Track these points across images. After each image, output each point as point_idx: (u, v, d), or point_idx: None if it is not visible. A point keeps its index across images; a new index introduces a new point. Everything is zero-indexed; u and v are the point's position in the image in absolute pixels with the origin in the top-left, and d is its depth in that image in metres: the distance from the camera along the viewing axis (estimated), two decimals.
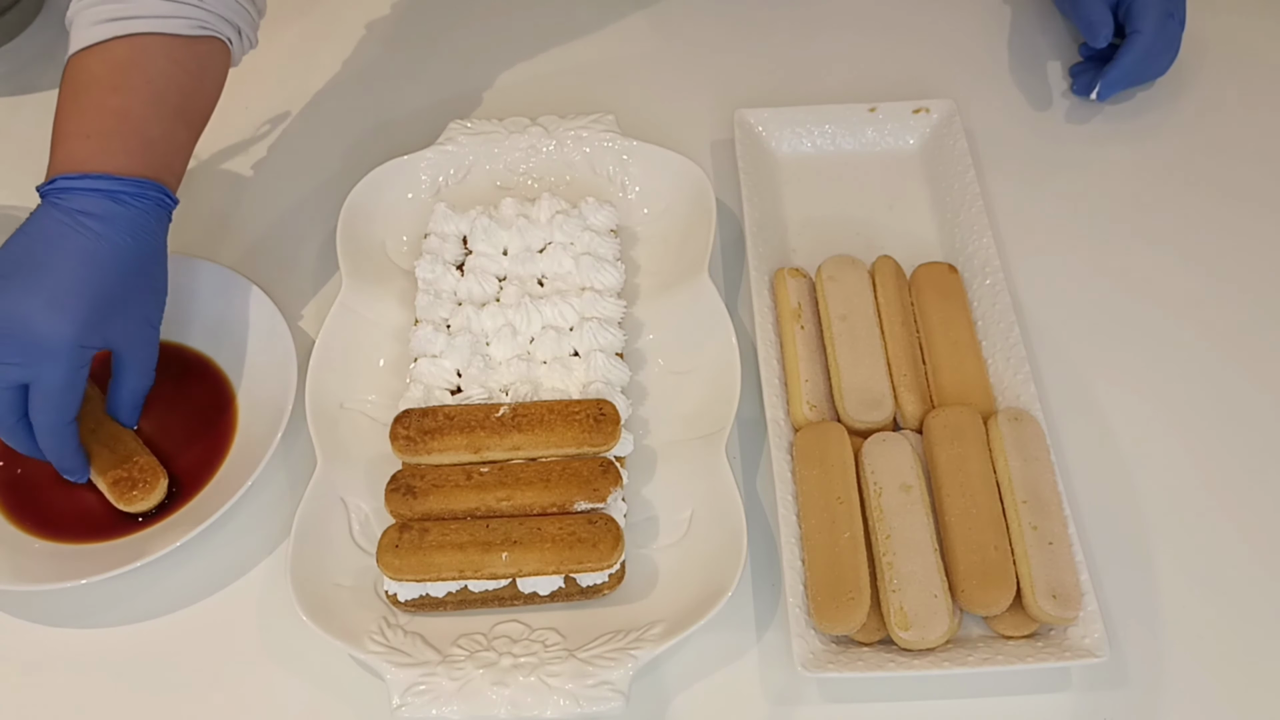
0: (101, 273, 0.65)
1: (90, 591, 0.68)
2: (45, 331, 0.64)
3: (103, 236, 0.66)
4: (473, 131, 0.85)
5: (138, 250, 0.67)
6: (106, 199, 0.66)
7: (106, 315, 0.66)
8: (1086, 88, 0.89)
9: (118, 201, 0.66)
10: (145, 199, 0.67)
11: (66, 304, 0.64)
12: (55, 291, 0.64)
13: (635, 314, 0.79)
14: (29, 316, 0.64)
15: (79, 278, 0.65)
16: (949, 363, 0.74)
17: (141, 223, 0.67)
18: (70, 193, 0.66)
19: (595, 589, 0.65)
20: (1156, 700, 0.63)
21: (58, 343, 0.64)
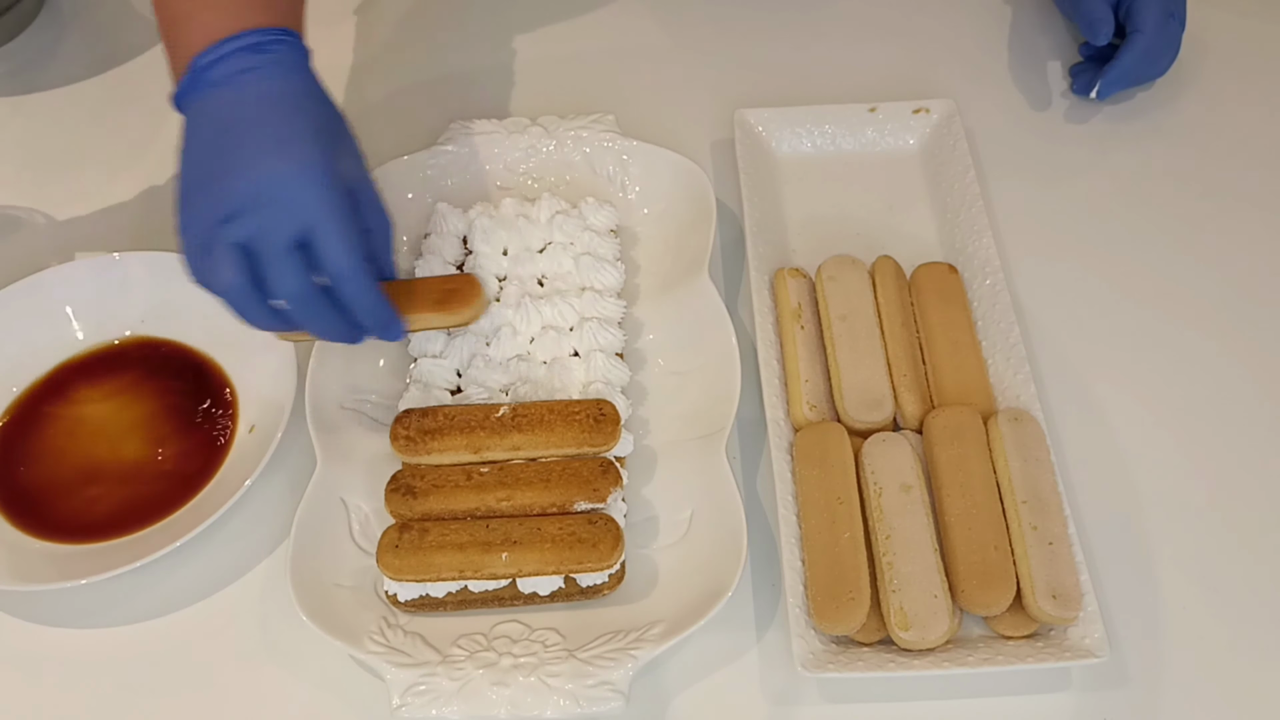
0: (295, 111, 0.62)
1: (90, 591, 0.68)
2: (296, 174, 0.59)
3: (272, 77, 0.62)
4: (473, 131, 0.85)
5: (307, 89, 0.64)
6: (254, 53, 0.63)
7: (327, 150, 0.61)
8: (1086, 87, 0.89)
9: (266, 51, 0.63)
10: (286, 44, 0.64)
11: (292, 143, 0.60)
12: (272, 139, 0.60)
13: (635, 314, 0.79)
14: (269, 171, 0.59)
15: (282, 120, 0.61)
16: (949, 363, 0.74)
17: (297, 62, 0.65)
18: (221, 61, 0.62)
19: (595, 589, 0.65)
20: (1156, 700, 0.63)
21: (314, 177, 0.59)
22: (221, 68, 0.63)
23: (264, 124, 0.61)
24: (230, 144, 0.61)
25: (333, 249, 0.60)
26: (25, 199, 0.90)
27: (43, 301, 0.78)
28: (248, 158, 0.60)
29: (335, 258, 0.60)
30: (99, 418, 0.75)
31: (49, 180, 0.91)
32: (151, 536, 0.69)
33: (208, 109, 0.63)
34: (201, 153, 0.62)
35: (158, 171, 0.90)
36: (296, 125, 0.62)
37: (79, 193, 0.89)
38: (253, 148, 0.60)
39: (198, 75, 0.63)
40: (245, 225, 0.59)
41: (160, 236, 0.86)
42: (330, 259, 0.60)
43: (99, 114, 0.95)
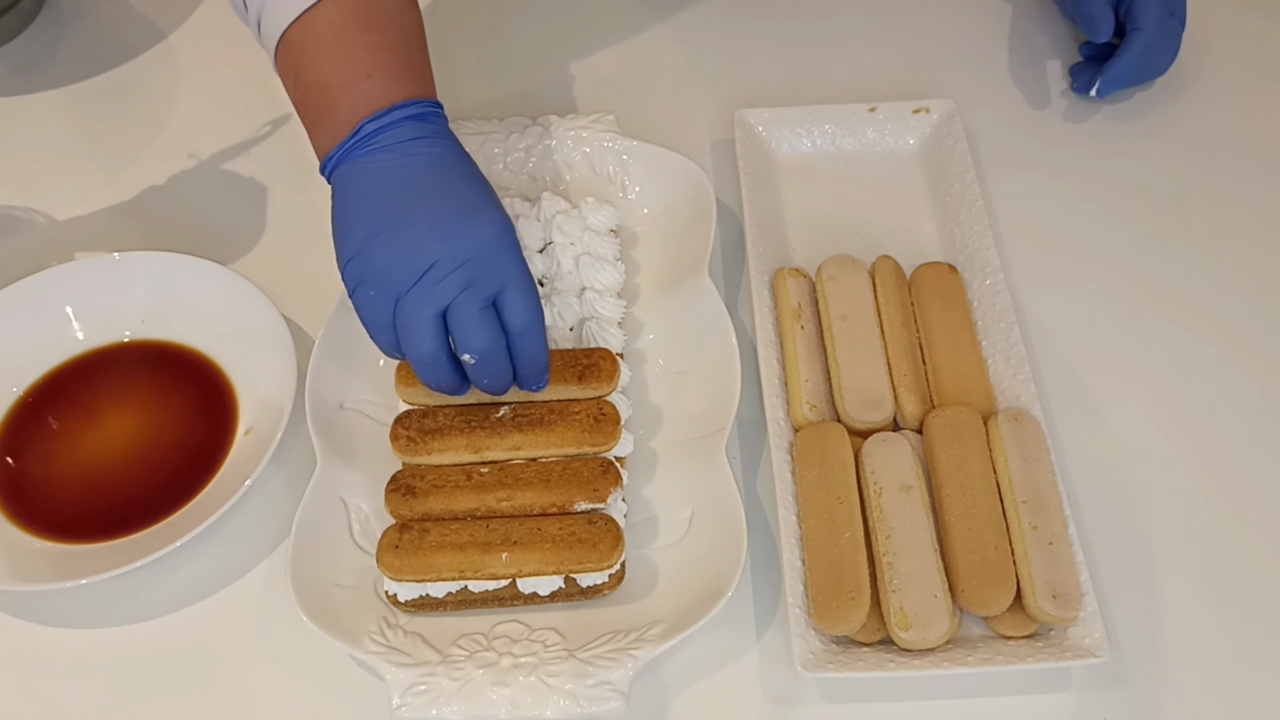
0: (473, 178, 0.65)
1: (90, 591, 0.68)
2: (496, 237, 0.62)
3: (445, 147, 0.65)
4: (473, 131, 0.85)
5: (468, 158, 0.66)
6: (417, 121, 0.65)
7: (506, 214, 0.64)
8: (1086, 85, 0.89)
9: (426, 120, 0.65)
10: (441, 116, 0.67)
11: (483, 207, 0.63)
12: (462, 205, 0.63)
13: (635, 314, 0.79)
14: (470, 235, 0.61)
15: (466, 187, 0.64)
16: (949, 363, 0.74)
17: (451, 133, 0.67)
18: (382, 133, 0.64)
19: (595, 589, 0.65)
20: (1156, 700, 0.63)
21: (510, 240, 0.62)
22: (388, 135, 0.64)
23: (449, 191, 0.63)
24: (414, 211, 0.62)
25: (522, 307, 0.63)
26: (25, 199, 0.90)
27: (43, 301, 0.78)
28: (440, 224, 0.62)
29: (524, 314, 0.63)
30: (99, 418, 0.75)
31: (49, 180, 0.91)
32: (151, 536, 0.69)
33: (375, 175, 0.64)
34: (376, 220, 0.63)
35: (158, 171, 0.91)
36: (480, 191, 0.64)
37: (79, 193, 0.89)
38: (443, 214, 0.62)
39: (364, 140, 0.64)
40: (447, 289, 0.61)
41: (160, 236, 0.86)
42: (520, 316, 0.63)
43: (99, 114, 0.95)
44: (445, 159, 0.65)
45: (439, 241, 0.61)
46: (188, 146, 0.92)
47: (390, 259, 0.62)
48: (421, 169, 0.64)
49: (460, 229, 0.62)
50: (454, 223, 0.62)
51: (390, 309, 0.63)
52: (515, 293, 0.63)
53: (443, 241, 0.61)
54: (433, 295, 0.61)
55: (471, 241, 0.62)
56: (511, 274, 0.63)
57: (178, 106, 0.96)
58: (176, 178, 0.90)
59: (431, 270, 0.61)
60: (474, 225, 0.62)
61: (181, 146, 0.92)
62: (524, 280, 0.63)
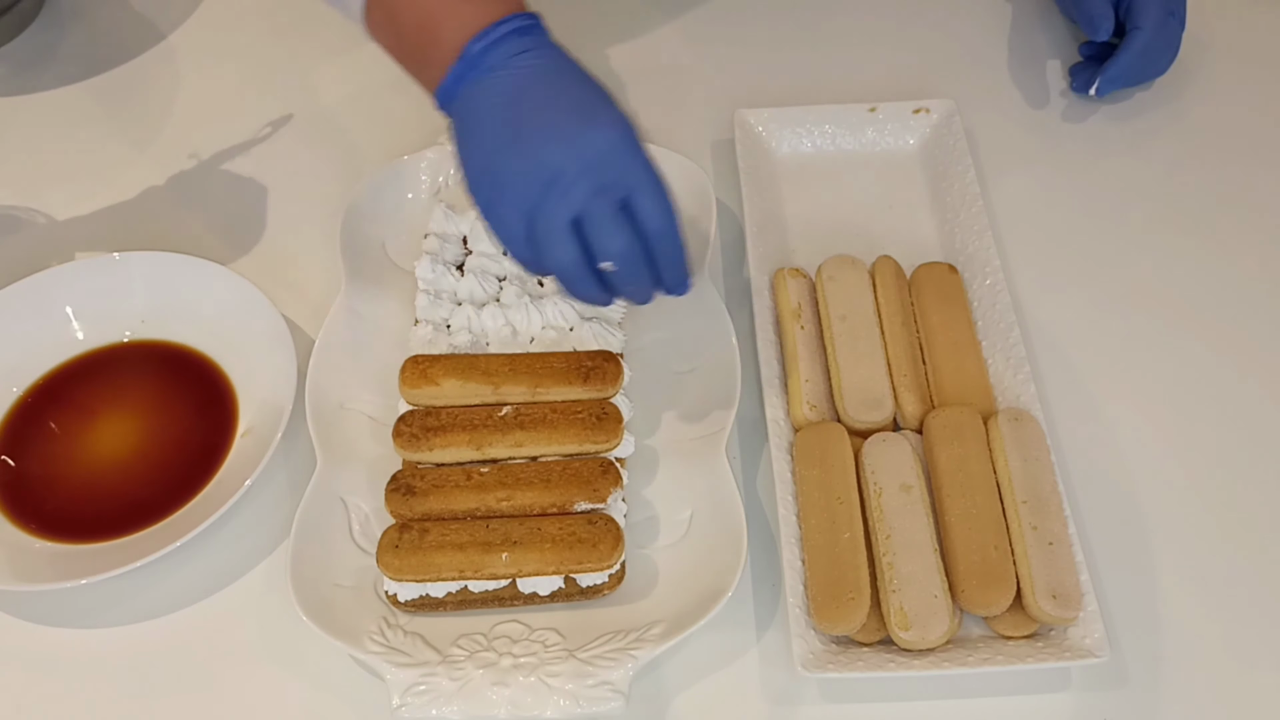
0: (586, 83, 0.63)
1: (90, 591, 0.68)
2: (618, 140, 0.61)
3: (553, 57, 0.64)
4: None
5: (576, 64, 0.65)
6: (522, 37, 0.64)
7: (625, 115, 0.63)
8: (1085, 84, 0.90)
9: (530, 33, 0.65)
10: (540, 26, 0.66)
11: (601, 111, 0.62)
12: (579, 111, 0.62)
13: (635, 314, 0.78)
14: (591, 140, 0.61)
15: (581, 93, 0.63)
16: (949, 363, 0.74)
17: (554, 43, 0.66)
18: (490, 51, 0.64)
19: (595, 589, 0.65)
20: (1156, 700, 0.63)
21: (632, 141, 0.61)
22: (496, 53, 0.64)
23: (564, 98, 0.63)
24: (533, 121, 0.62)
25: (656, 207, 0.62)
26: (25, 199, 0.90)
27: (43, 301, 0.78)
28: (560, 131, 0.61)
29: (658, 215, 0.62)
30: (99, 418, 0.75)
31: (49, 180, 0.91)
32: (151, 536, 0.69)
33: (490, 94, 0.63)
34: (497, 136, 0.63)
35: (158, 171, 0.91)
36: (597, 95, 0.63)
37: (79, 193, 0.89)
38: (562, 121, 0.61)
39: (472, 62, 0.64)
40: (575, 196, 0.60)
41: (160, 236, 0.86)
42: (654, 217, 0.62)
43: (99, 114, 0.95)
44: (555, 67, 0.64)
45: (561, 150, 0.61)
46: (188, 146, 0.92)
47: (515, 174, 0.62)
48: (534, 80, 0.63)
49: (580, 135, 0.61)
50: (573, 130, 0.61)
51: (523, 224, 0.62)
52: (645, 195, 0.62)
53: (564, 149, 0.61)
54: (563, 204, 0.61)
55: (593, 146, 0.61)
56: (639, 176, 0.62)
57: (178, 106, 0.96)
58: (176, 178, 0.90)
59: (558, 180, 0.60)
60: (594, 130, 0.61)
61: (181, 146, 0.92)
62: (652, 182, 0.62)
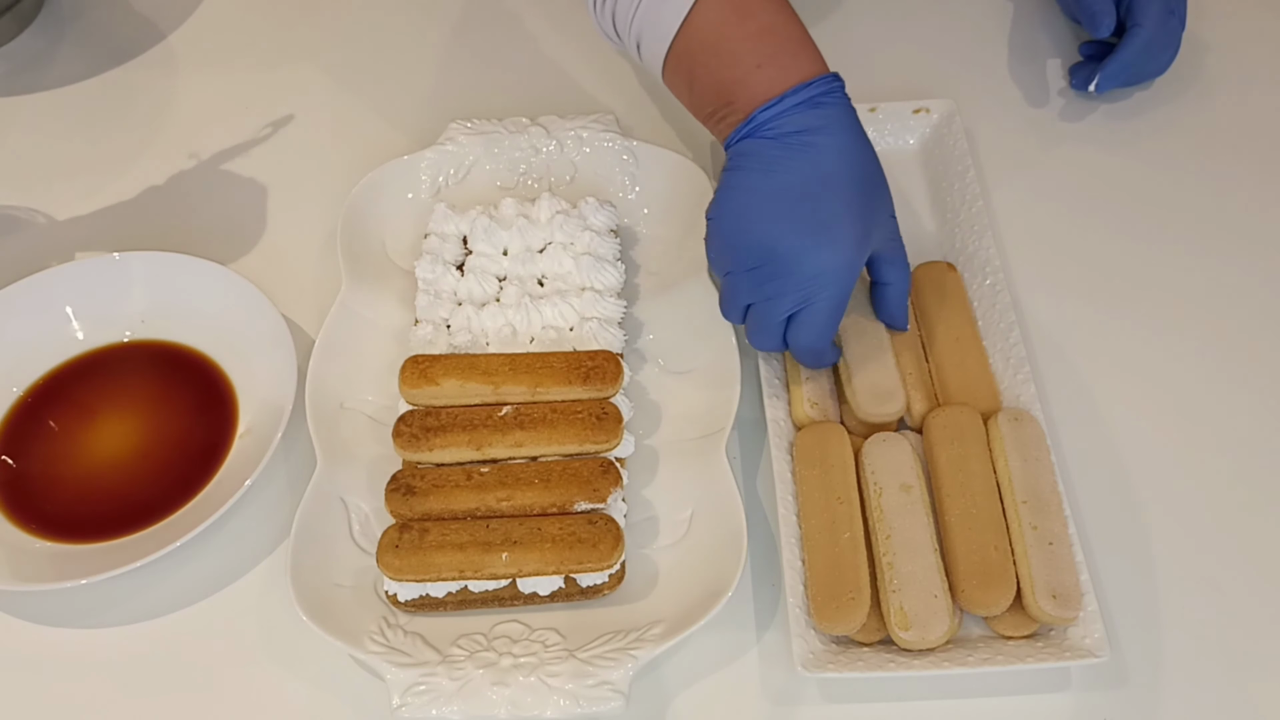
0: (846, 185, 0.64)
1: (90, 591, 0.68)
2: (821, 263, 0.63)
3: (827, 147, 0.64)
4: (473, 131, 0.85)
5: (857, 145, 0.66)
6: (809, 108, 0.64)
7: (867, 227, 0.65)
8: (1085, 81, 0.90)
9: (819, 105, 0.64)
10: (835, 91, 0.66)
11: (835, 231, 0.63)
12: (820, 219, 0.63)
13: (635, 314, 0.79)
14: (803, 252, 0.63)
15: (834, 198, 0.64)
16: (952, 359, 0.74)
17: (845, 112, 0.66)
18: (775, 120, 0.64)
19: (595, 589, 0.65)
20: (1156, 700, 0.63)
21: (834, 269, 0.63)
22: (777, 126, 0.65)
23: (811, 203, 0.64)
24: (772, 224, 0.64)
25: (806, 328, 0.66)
26: (25, 199, 0.90)
27: (43, 301, 0.78)
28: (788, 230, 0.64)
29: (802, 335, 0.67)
30: (99, 418, 0.75)
31: (49, 180, 0.91)
32: (151, 536, 0.69)
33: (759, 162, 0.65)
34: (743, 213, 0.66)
35: (157, 171, 0.91)
36: (838, 208, 0.64)
37: (79, 193, 0.89)
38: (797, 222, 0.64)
39: (760, 126, 0.65)
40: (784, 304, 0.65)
41: (160, 236, 0.86)
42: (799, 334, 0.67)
43: (99, 114, 0.95)
44: (823, 164, 0.64)
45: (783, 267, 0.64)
46: (188, 146, 0.92)
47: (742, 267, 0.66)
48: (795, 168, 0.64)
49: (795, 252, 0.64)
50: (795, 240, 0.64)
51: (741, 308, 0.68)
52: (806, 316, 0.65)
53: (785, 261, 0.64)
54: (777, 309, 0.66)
55: (800, 267, 0.64)
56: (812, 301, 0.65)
57: (178, 106, 0.96)
58: (176, 178, 0.90)
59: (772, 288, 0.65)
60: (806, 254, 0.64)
61: (181, 146, 0.92)
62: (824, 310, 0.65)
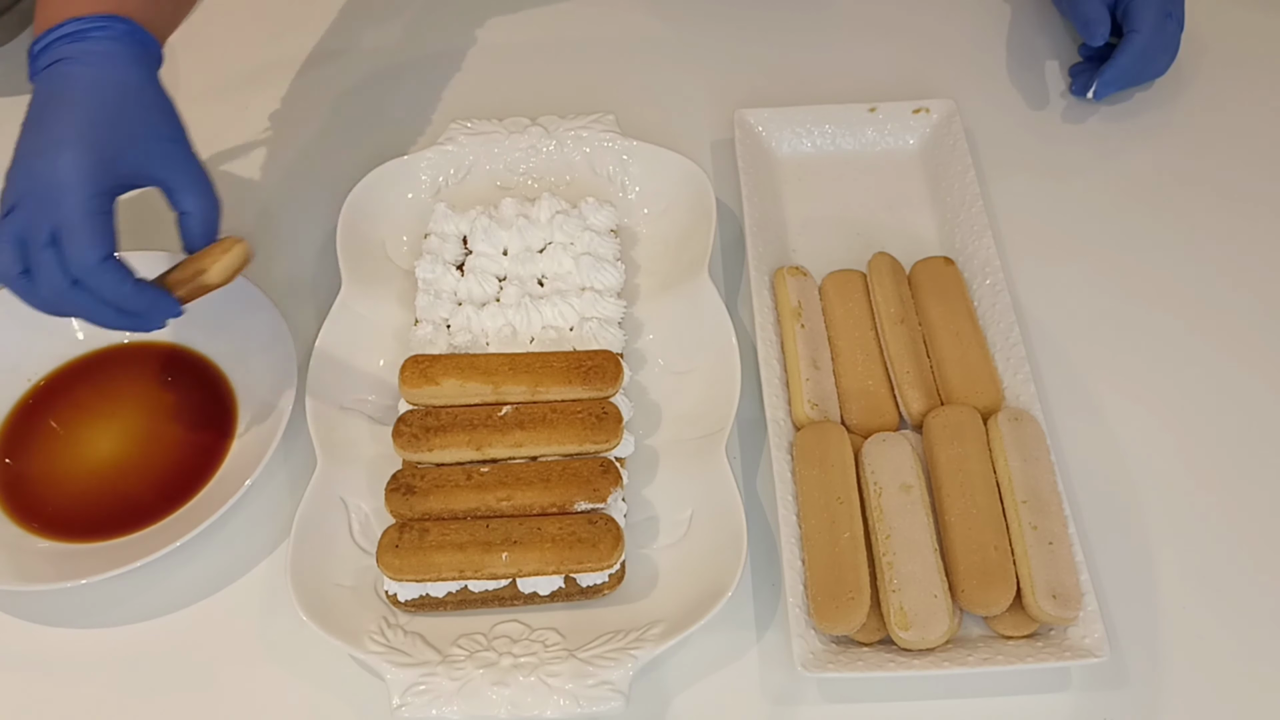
0: (78, 106, 0.64)
1: (90, 591, 0.68)
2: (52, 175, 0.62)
3: (75, 76, 0.65)
4: (473, 131, 0.85)
5: (118, 79, 0.66)
6: (71, 42, 0.66)
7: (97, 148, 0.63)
8: (1084, 88, 0.90)
9: (83, 39, 0.66)
10: (110, 31, 0.66)
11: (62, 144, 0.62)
12: (47, 138, 0.63)
13: (635, 314, 0.79)
14: (36, 171, 0.62)
15: (64, 116, 0.64)
16: (953, 355, 0.74)
17: (115, 52, 0.66)
18: (45, 50, 0.66)
19: (595, 589, 0.66)
20: (1156, 700, 0.63)
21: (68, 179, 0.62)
22: (47, 57, 0.66)
23: (47, 120, 0.64)
24: (24, 138, 0.65)
25: (73, 249, 0.62)
26: None
27: None
28: (26, 154, 0.64)
29: (75, 258, 0.62)
30: (99, 419, 0.75)
31: None
32: (151, 536, 0.69)
33: (37, 89, 0.66)
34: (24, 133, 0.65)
35: None
36: (73, 123, 0.63)
37: None
38: (32, 145, 0.64)
39: (31, 65, 0.67)
40: (16, 221, 0.62)
41: (161, 236, 0.86)
42: (71, 259, 0.62)
43: None
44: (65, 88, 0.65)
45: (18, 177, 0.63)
46: None
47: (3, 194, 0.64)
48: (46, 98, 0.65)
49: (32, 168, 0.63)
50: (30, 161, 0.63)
51: None
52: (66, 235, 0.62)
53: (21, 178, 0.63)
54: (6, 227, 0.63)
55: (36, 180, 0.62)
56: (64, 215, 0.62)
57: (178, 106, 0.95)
58: None
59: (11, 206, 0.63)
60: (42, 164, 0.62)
61: None
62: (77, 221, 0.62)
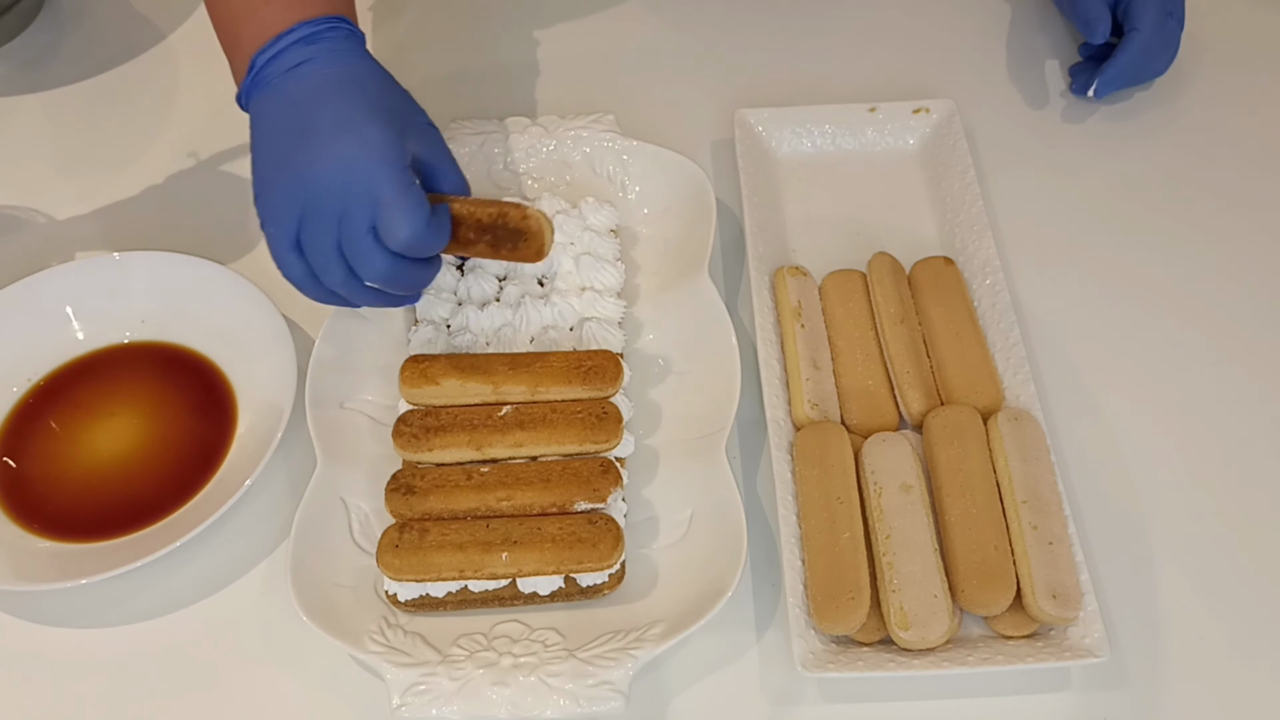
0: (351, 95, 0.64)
1: (90, 591, 0.68)
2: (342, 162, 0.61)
3: (327, 69, 0.64)
4: (473, 131, 0.85)
5: (363, 71, 0.66)
6: (309, 44, 0.65)
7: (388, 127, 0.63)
8: (1084, 86, 0.90)
9: (318, 41, 0.65)
10: (338, 31, 0.67)
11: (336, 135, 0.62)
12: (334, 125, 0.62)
13: (635, 314, 0.79)
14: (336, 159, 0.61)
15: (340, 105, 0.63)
16: (953, 355, 0.74)
17: (350, 47, 0.66)
18: (278, 57, 0.65)
19: (595, 589, 0.65)
20: (1156, 700, 0.63)
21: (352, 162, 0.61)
22: (278, 63, 0.65)
23: (319, 121, 0.63)
24: (295, 135, 0.63)
25: (397, 225, 0.61)
26: (25, 199, 0.90)
27: (43, 301, 0.78)
28: (314, 146, 0.62)
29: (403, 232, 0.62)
30: (99, 418, 0.75)
31: (49, 180, 0.91)
32: (151, 536, 0.69)
33: (270, 105, 0.65)
34: (269, 148, 0.65)
35: (157, 171, 0.91)
36: (355, 108, 0.63)
37: (79, 193, 0.89)
38: (309, 148, 0.62)
39: (257, 74, 0.65)
40: (326, 225, 0.62)
41: (161, 236, 0.86)
42: (398, 235, 0.62)
43: (99, 114, 0.95)
44: (323, 84, 0.64)
45: (301, 182, 0.62)
46: (188, 146, 0.92)
47: (273, 204, 0.64)
48: (304, 96, 0.64)
49: (319, 163, 0.62)
50: (313, 158, 0.62)
51: (290, 244, 0.64)
52: (387, 210, 0.61)
53: (305, 180, 0.62)
54: (318, 233, 0.63)
55: (329, 173, 0.61)
56: (377, 190, 0.61)
57: (178, 106, 0.96)
58: (176, 178, 0.90)
59: (308, 211, 0.62)
60: (331, 156, 0.62)
61: (181, 146, 0.92)
62: (394, 192, 0.61)
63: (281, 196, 0.63)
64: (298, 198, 0.62)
